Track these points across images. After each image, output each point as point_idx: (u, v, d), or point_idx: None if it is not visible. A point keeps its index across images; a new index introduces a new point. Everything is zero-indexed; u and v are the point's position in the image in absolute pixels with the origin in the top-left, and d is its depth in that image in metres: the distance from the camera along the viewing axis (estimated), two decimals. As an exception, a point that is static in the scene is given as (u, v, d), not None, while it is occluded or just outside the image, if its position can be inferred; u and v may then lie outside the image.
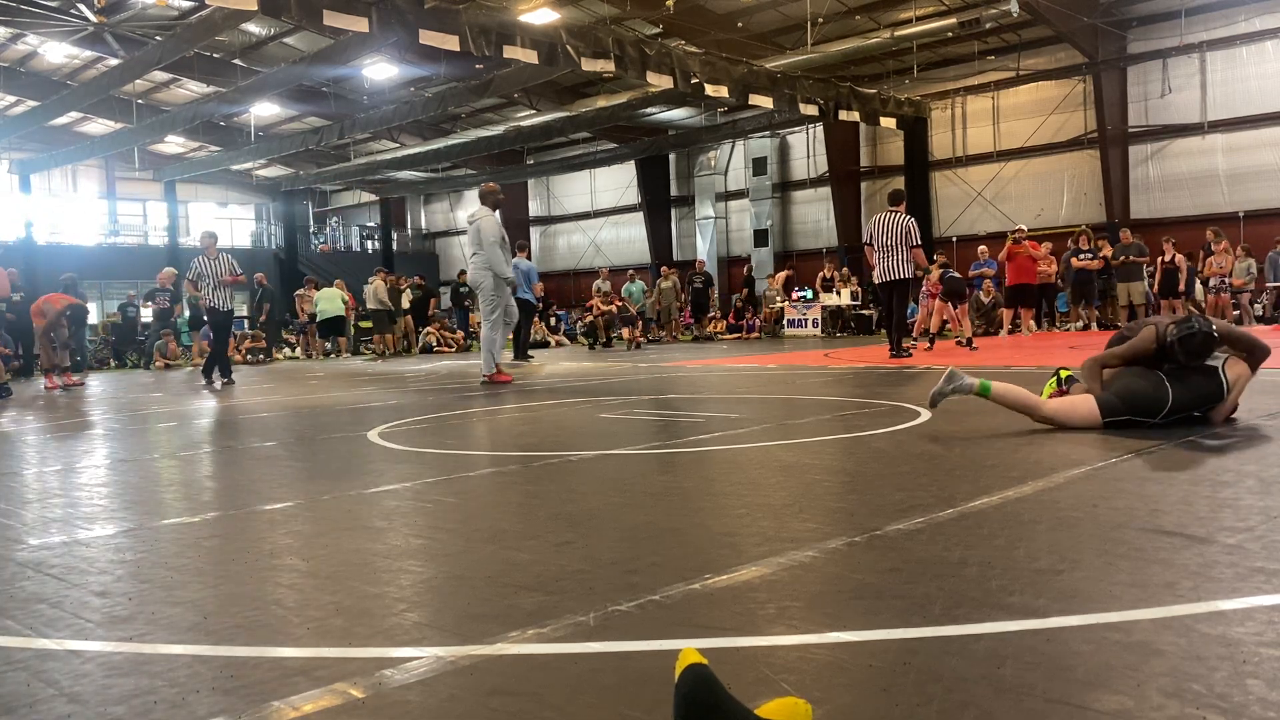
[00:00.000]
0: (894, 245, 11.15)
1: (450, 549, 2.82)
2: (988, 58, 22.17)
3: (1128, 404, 4.62)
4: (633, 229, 30.73)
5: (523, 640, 1.96)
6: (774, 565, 2.45)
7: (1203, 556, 2.40)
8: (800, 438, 4.88)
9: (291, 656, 1.93)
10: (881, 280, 11.45)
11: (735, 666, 1.76)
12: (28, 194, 26.92)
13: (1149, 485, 3.31)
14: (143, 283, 24.05)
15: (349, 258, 33.86)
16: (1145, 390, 4.60)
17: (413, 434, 5.79)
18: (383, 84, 24.89)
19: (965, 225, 23.37)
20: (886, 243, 11.20)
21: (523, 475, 4.14)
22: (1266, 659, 1.71)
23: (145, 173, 30.49)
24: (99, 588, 2.51)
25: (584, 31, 16.39)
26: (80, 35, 20.86)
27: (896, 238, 11.14)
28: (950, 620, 1.98)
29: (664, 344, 20.56)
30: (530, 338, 16.40)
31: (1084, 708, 1.54)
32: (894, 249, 11.16)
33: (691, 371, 10.91)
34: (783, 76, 19.10)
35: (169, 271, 19.86)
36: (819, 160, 26.04)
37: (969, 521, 2.84)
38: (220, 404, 9.05)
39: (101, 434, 6.65)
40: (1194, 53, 19.77)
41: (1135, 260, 16.35)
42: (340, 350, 20.93)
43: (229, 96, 20.98)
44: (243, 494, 3.94)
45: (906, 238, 11.14)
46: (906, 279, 11.35)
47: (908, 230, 11.17)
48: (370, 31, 14.29)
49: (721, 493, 3.57)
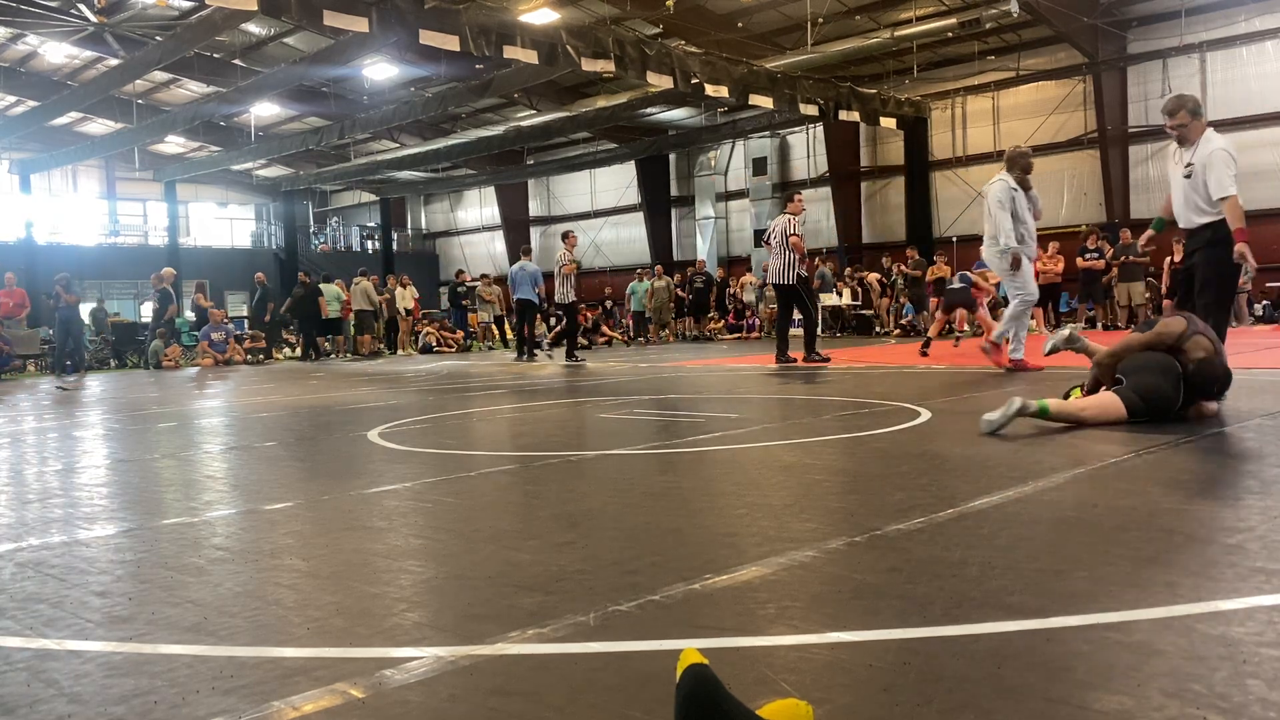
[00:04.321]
0: (779, 246, 10.87)
1: (450, 549, 2.82)
2: (988, 58, 22.16)
3: (1149, 403, 4.75)
4: (633, 229, 30.72)
5: (523, 640, 1.96)
6: (774, 565, 2.45)
7: (1203, 556, 2.40)
8: (800, 438, 4.88)
9: (291, 656, 1.93)
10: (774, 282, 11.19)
11: (735, 666, 1.76)
12: (28, 194, 26.94)
13: (1149, 485, 3.31)
14: (143, 283, 24.05)
15: (349, 258, 33.86)
16: (1165, 390, 4.74)
17: (413, 434, 5.78)
18: (383, 84, 24.90)
19: (965, 225, 23.36)
20: (773, 243, 10.96)
21: (523, 475, 4.14)
22: (1266, 659, 1.71)
23: (145, 173, 30.49)
24: (99, 588, 2.51)
25: (584, 31, 16.39)
26: (80, 35, 20.86)
27: (780, 236, 10.86)
28: (950, 620, 1.97)
29: (664, 344, 20.55)
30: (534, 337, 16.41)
31: (1084, 708, 1.54)
32: (778, 250, 10.88)
33: (691, 371, 10.91)
34: (783, 76, 19.10)
35: (168, 271, 19.85)
36: (819, 160, 26.03)
37: (969, 521, 2.84)
38: (220, 404, 9.05)
39: (101, 434, 6.65)
40: (1194, 53, 19.76)
41: (1135, 260, 16.33)
42: (339, 350, 20.93)
43: (229, 96, 20.98)
44: (243, 494, 3.94)
45: (784, 234, 10.79)
46: (791, 283, 10.89)
47: (783, 227, 10.85)
48: (370, 31, 14.29)
49: (721, 493, 3.57)
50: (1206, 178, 5.52)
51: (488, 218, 34.68)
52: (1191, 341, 4.78)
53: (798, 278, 10.84)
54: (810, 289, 11.28)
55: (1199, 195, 5.60)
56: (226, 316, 20.55)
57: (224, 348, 18.80)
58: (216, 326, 19.06)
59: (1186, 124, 5.67)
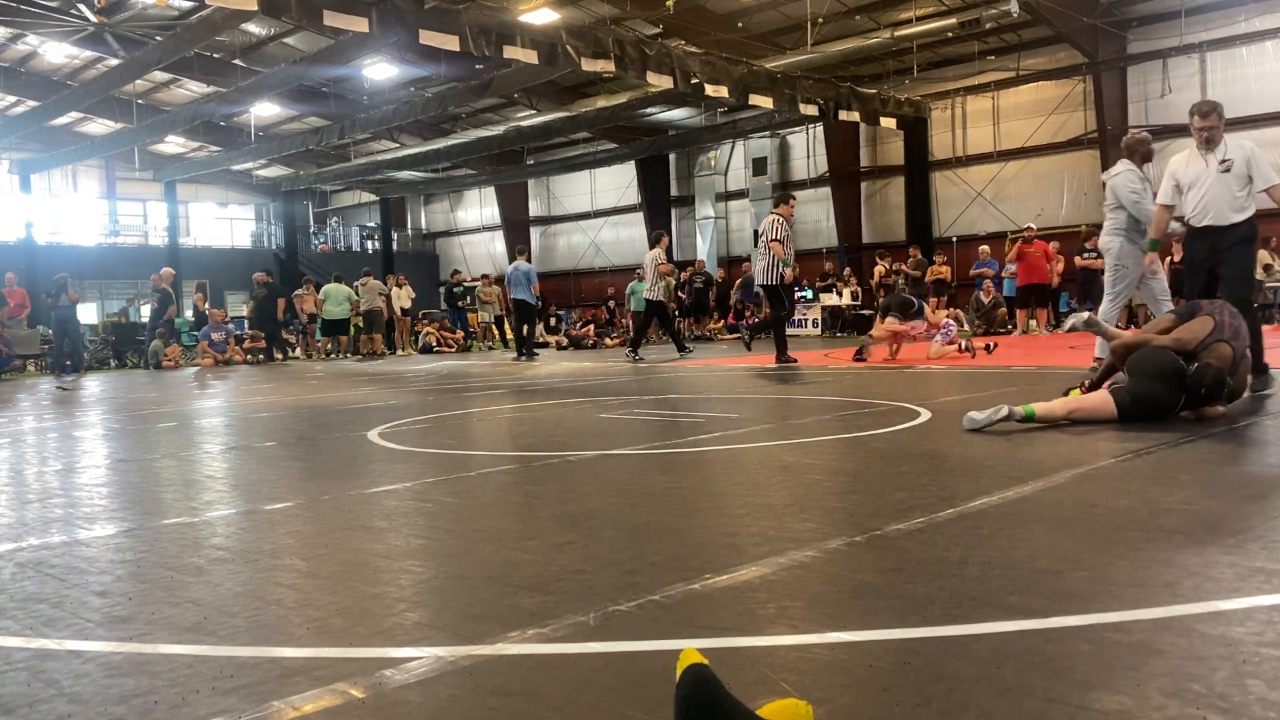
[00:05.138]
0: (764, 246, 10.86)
1: (450, 549, 2.82)
2: (988, 58, 22.15)
3: (1139, 407, 4.74)
4: (633, 229, 30.70)
5: (523, 640, 1.96)
6: (774, 565, 2.45)
7: (1203, 556, 2.40)
8: (800, 438, 4.88)
9: (291, 656, 1.93)
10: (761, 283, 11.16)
11: (735, 666, 1.76)
12: (28, 194, 26.93)
13: (1149, 485, 3.31)
14: (143, 283, 24.04)
15: (349, 258, 33.83)
16: (1159, 397, 4.72)
17: (413, 434, 5.79)
18: (383, 84, 24.89)
19: (965, 225, 23.37)
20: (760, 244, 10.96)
21: (523, 475, 4.14)
22: (1266, 659, 1.71)
23: (145, 173, 30.48)
24: (99, 588, 2.51)
25: (584, 31, 16.39)
26: (80, 35, 20.85)
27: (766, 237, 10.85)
28: (950, 620, 1.98)
29: (664, 344, 20.54)
30: (534, 337, 16.41)
31: (1084, 708, 1.54)
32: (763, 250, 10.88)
33: (691, 371, 10.90)
34: (783, 76, 19.09)
35: (167, 271, 19.84)
36: (819, 160, 26.02)
37: (969, 521, 2.84)
38: (220, 404, 9.05)
39: (102, 434, 6.65)
40: (1194, 53, 19.76)
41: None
42: (341, 350, 20.93)
43: (229, 96, 20.97)
44: (243, 494, 3.94)
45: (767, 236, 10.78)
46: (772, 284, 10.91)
47: (766, 228, 10.85)
48: (370, 32, 14.28)
49: (721, 493, 3.57)
50: (1251, 171, 5.78)
51: (488, 218, 34.67)
52: (1211, 350, 4.71)
53: (779, 278, 10.85)
54: (789, 292, 11.25)
55: (1236, 188, 5.81)
56: (227, 316, 20.54)
57: (224, 348, 18.80)
58: (216, 326, 19.07)
59: (1217, 126, 5.92)
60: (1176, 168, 6.12)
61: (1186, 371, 4.66)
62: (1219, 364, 4.64)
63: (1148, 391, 4.72)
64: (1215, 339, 4.77)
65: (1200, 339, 4.78)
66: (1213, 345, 4.75)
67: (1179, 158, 6.17)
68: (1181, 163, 6.10)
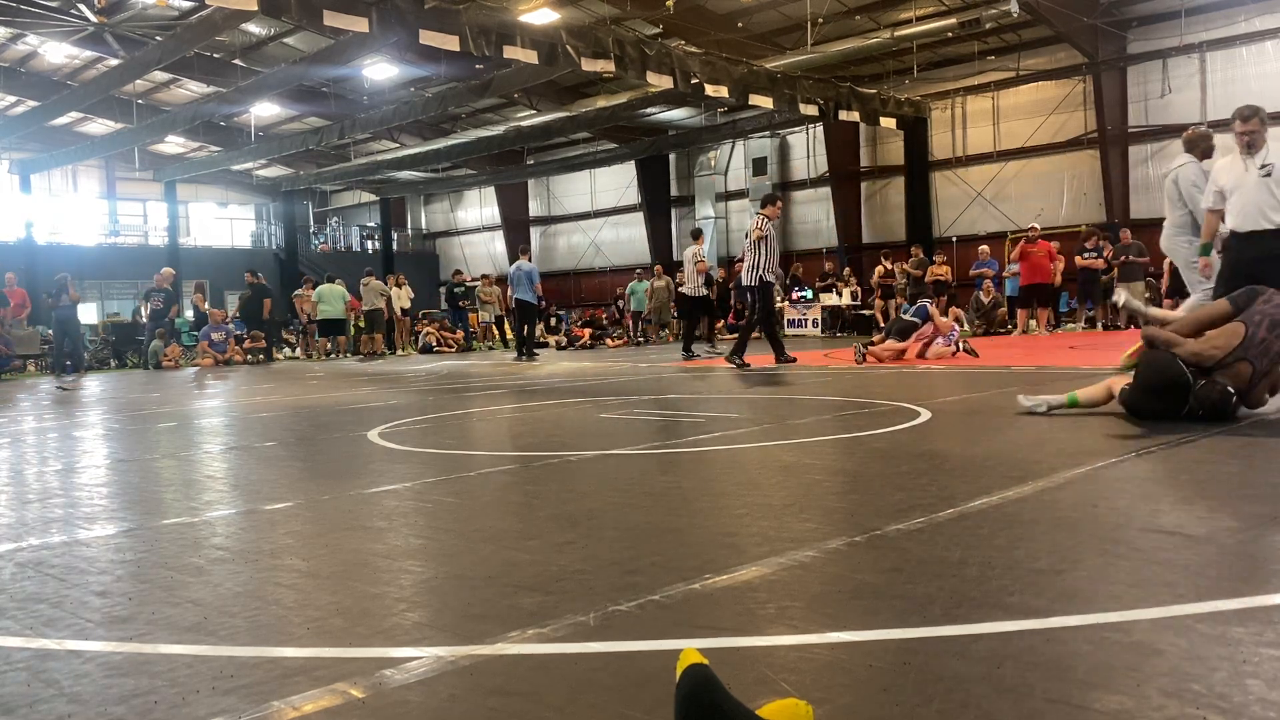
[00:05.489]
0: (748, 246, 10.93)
1: (450, 549, 2.82)
2: (988, 58, 22.15)
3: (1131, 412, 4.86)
4: (633, 229, 30.71)
5: (523, 640, 1.96)
6: (774, 565, 2.45)
7: (1202, 556, 2.40)
8: (800, 438, 4.88)
9: (291, 656, 1.93)
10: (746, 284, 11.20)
11: (735, 666, 1.76)
12: (28, 194, 26.93)
13: (1149, 485, 3.31)
14: (143, 283, 24.03)
15: (349, 258, 33.85)
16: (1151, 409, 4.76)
17: (413, 434, 5.79)
18: (383, 84, 24.88)
19: (965, 225, 23.36)
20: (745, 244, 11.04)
21: (523, 475, 4.14)
22: (1266, 659, 1.71)
23: (145, 173, 30.48)
24: (99, 588, 2.51)
25: (584, 31, 16.39)
26: (80, 35, 20.85)
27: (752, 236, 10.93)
28: (950, 620, 1.98)
29: (664, 344, 20.53)
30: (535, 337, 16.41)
31: (1084, 708, 1.54)
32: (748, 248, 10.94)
33: (691, 371, 10.91)
34: (783, 76, 19.09)
35: (167, 271, 19.84)
36: (819, 160, 26.02)
37: (969, 521, 2.84)
38: (220, 404, 9.04)
39: (101, 434, 6.65)
40: (1194, 53, 19.76)
41: (1136, 260, 16.34)
42: (340, 350, 20.93)
43: (229, 96, 20.98)
44: (243, 494, 3.94)
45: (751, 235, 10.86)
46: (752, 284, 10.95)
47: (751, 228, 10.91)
48: (370, 32, 14.28)
49: (721, 493, 3.57)
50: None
51: (488, 218, 34.68)
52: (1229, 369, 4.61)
53: (760, 279, 10.84)
54: (769, 293, 11.26)
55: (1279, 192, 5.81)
56: (226, 316, 20.56)
57: (224, 348, 18.80)
58: (216, 326, 19.07)
59: (1259, 130, 5.92)
60: (1219, 173, 6.14)
61: (1192, 387, 4.59)
62: (1233, 383, 4.56)
63: (1140, 405, 4.81)
64: (1238, 357, 4.61)
65: (1222, 355, 4.63)
66: (1233, 365, 4.61)
67: (1223, 162, 6.18)
68: (1225, 167, 6.11)
